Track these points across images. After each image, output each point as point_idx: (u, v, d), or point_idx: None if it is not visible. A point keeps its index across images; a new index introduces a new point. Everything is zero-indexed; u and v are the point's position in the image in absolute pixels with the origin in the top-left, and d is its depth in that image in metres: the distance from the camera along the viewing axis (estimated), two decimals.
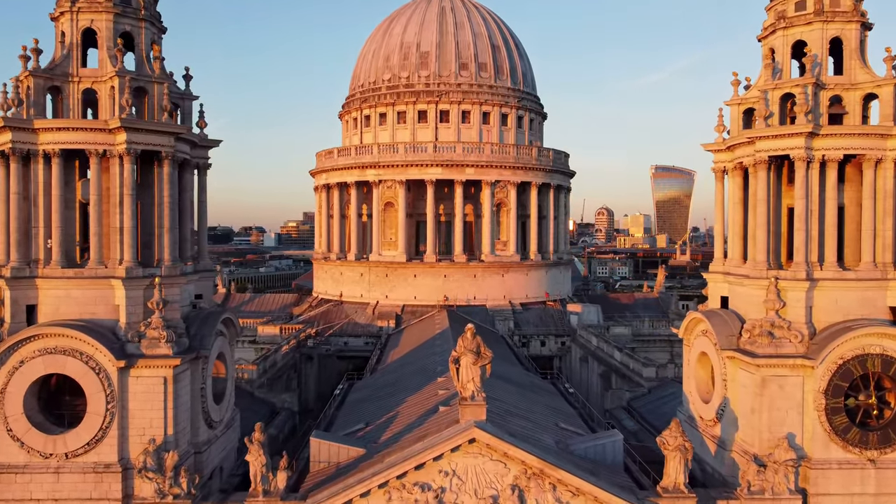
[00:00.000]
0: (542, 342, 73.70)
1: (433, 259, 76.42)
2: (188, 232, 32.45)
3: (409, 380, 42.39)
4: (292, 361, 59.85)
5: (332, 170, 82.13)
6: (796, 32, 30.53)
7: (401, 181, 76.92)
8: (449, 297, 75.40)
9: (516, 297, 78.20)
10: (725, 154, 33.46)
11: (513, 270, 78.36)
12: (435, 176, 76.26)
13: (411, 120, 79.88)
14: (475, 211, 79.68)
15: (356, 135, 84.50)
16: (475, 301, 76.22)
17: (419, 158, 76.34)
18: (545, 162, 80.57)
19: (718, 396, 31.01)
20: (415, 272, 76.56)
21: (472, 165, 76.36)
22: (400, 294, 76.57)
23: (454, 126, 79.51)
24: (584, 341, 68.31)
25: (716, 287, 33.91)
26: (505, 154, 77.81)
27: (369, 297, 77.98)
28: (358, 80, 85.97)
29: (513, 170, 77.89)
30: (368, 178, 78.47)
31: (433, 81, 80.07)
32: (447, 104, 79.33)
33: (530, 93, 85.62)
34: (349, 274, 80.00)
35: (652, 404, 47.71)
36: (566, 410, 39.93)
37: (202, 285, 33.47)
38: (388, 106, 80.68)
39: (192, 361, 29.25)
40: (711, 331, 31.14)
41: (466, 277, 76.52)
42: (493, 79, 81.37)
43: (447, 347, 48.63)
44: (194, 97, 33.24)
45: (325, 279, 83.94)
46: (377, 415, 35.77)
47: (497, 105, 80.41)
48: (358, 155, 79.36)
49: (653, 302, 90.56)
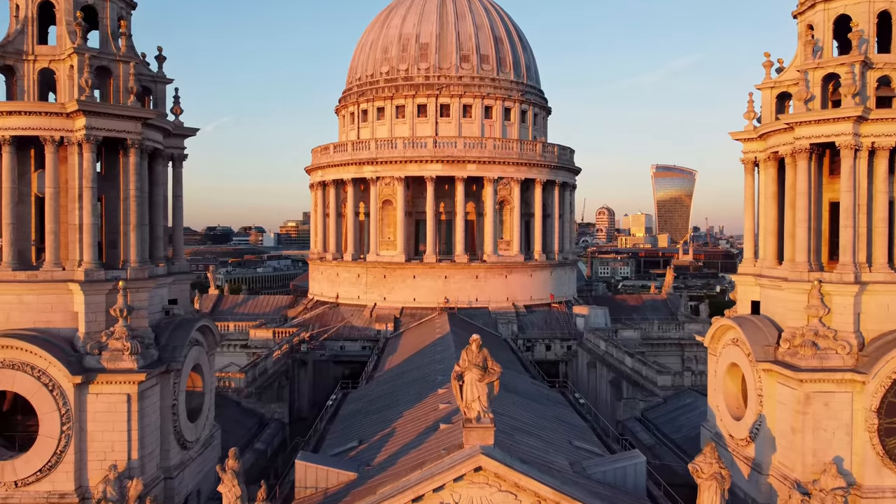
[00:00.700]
0: (547, 346, 70.45)
1: (433, 259, 73.19)
2: (161, 230, 29.20)
3: (407, 390, 39.18)
4: (284, 368, 56.58)
5: (327, 166, 78.87)
6: (839, 6, 27.22)
7: (399, 178, 73.67)
8: (450, 299, 72.16)
9: (520, 299, 74.94)
10: (756, 143, 30.21)
11: (516, 271, 75.08)
12: (435, 172, 73.04)
13: (410, 114, 76.65)
14: (477, 209, 76.45)
15: (353, 130, 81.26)
16: (477, 303, 72.97)
17: (418, 154, 73.06)
18: (550, 158, 77.29)
19: (752, 413, 27.75)
20: (414, 273, 73.30)
21: (473, 161, 73.13)
22: (399, 296, 73.32)
23: (455, 121, 76.26)
24: (592, 346, 65.05)
25: (746, 290, 30.65)
26: (508, 149, 74.55)
27: (367, 298, 74.72)
28: (355, 74, 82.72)
29: (516, 166, 74.62)
30: (366, 174, 75.22)
31: (433, 74, 76.81)
32: (447, 98, 76.08)
33: (534, 86, 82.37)
34: (346, 275, 76.73)
35: (668, 415, 44.46)
36: (578, 424, 36.67)
37: (178, 289, 30.25)
38: (387, 100, 77.42)
39: (162, 376, 26.00)
40: (744, 340, 27.89)
41: (468, 279, 73.27)
42: (496, 71, 78.10)
43: (448, 354, 45.42)
44: (168, 80, 29.99)
45: (320, 280, 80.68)
46: (372, 431, 32.56)
47: (499, 99, 77.13)
48: (355, 151, 76.08)
49: (661, 304, 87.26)
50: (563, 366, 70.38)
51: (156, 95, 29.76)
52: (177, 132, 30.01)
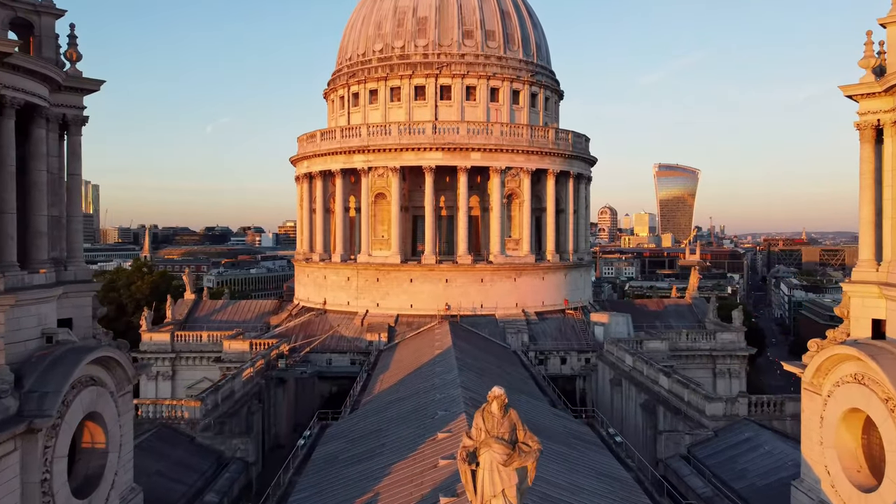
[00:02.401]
0: (562, 359, 61.86)
1: (433, 260, 64.58)
2: (42, 221, 20.56)
3: (398, 429, 30.60)
4: (256, 389, 47.92)
5: (314, 156, 70.27)
6: None
7: (394, 168, 65.07)
8: (451, 305, 63.57)
9: (530, 304, 66.30)
10: (881, 100, 21.60)
11: (526, 274, 66.43)
12: (434, 162, 64.44)
13: (407, 97, 68.04)
14: (482, 203, 67.89)
15: (343, 116, 72.65)
16: (482, 310, 64.36)
17: (416, 141, 64.45)
18: (564, 146, 68.67)
19: (894, 485, 19.13)
20: (411, 276, 64.70)
21: (478, 149, 64.51)
22: (393, 302, 64.71)
23: (457, 104, 67.65)
24: (615, 359, 56.43)
25: (864, 305, 22.00)
26: (517, 136, 65.93)
27: (357, 305, 66.12)
28: (345, 53, 74.10)
29: (526, 155, 66.01)
30: (356, 164, 66.63)
31: (432, 52, 68.18)
32: (449, 78, 67.43)
33: (545, 67, 73.76)
34: (334, 278, 68.11)
35: (723, 454, 35.76)
36: (621, 477, 28.00)
37: (73, 305, 21.63)
38: (380, 81, 68.79)
39: (24, 437, 17.38)
40: (880, 378, 19.27)
41: (472, 282, 64.65)
42: (503, 49, 69.46)
43: (449, 378, 36.85)
44: (58, 12, 21.38)
45: (306, 284, 72.09)
46: (349, 494, 24.04)
47: (507, 79, 68.49)
48: (344, 138, 67.46)
49: (685, 309, 78.61)
50: (580, 381, 61.79)
51: (41, 32, 21.15)
52: (71, 85, 21.42)
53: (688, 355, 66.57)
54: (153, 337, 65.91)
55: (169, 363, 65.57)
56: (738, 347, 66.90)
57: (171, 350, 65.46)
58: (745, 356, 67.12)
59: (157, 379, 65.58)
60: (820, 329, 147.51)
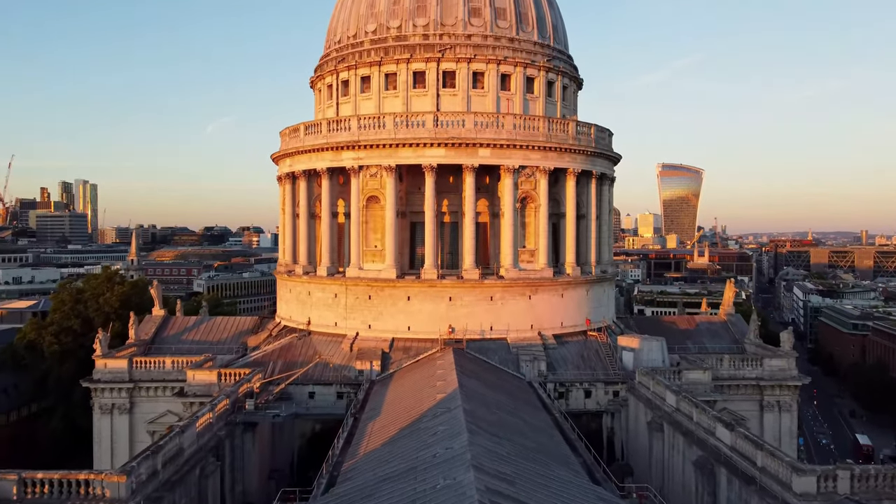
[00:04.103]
0: (586, 392, 52.56)
1: (434, 275, 55.23)
2: None
3: None
4: (213, 442, 38.46)
5: (296, 153, 60.88)
6: None
7: (389, 167, 55.73)
8: (455, 328, 54.26)
9: (548, 326, 56.95)
10: None
11: (543, 290, 57.03)
12: (436, 160, 55.14)
13: (404, 84, 58.66)
14: (491, 208, 58.60)
15: (331, 107, 63.27)
16: (492, 333, 55.05)
17: (414, 136, 55.10)
18: (586, 141, 59.27)
19: None
20: (408, 293, 55.35)
21: (487, 145, 55.14)
22: (388, 323, 55.39)
23: (462, 93, 58.29)
24: (652, 395, 47.17)
25: None
26: (532, 130, 56.53)
27: (346, 326, 56.78)
28: (334, 36, 64.69)
29: (543, 151, 56.63)
30: (345, 163, 57.26)
31: (433, 32, 58.80)
32: (453, 62, 58.04)
33: (562, 51, 64.35)
34: (319, 295, 58.72)
35: None
36: None
37: None
38: (373, 66, 59.40)
39: None
40: None
41: (480, 301, 55.31)
42: (515, 29, 60.06)
43: (456, 447, 27.41)
44: None
45: (289, 301, 62.71)
46: None
47: (520, 64, 59.08)
48: (331, 132, 58.06)
49: (720, 327, 69.20)
50: (608, 419, 52.52)
51: None
52: None
53: (730, 384, 57.31)
54: (108, 363, 56.54)
55: (126, 394, 56.22)
56: (789, 376, 57.57)
57: (129, 379, 56.10)
58: (796, 386, 57.76)
59: (112, 413, 56.29)
60: (843, 339, 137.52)
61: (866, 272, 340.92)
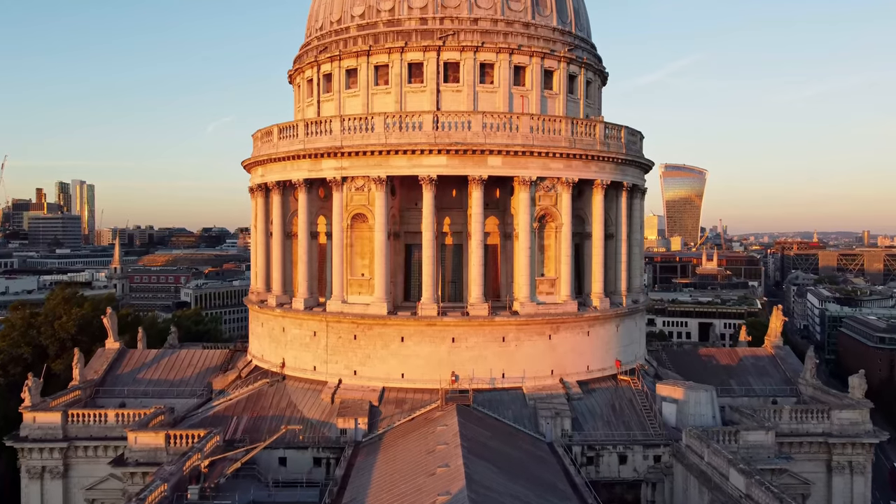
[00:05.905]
0: (620, 457, 42.69)
1: (433, 311, 45.26)
2: None
3: None
4: None
5: (268, 160, 50.97)
6: None
7: (378, 179, 45.76)
8: (460, 375, 44.35)
9: (571, 371, 47.04)
10: None
11: (566, 328, 47.06)
12: (436, 170, 45.21)
13: (397, 78, 48.75)
14: (503, 228, 48.74)
15: (311, 105, 53.38)
16: (504, 381, 45.15)
17: (410, 141, 45.14)
18: (615, 147, 49.35)
19: None
20: (402, 332, 45.38)
21: (498, 152, 45.20)
22: (377, 369, 45.48)
23: (467, 88, 48.42)
24: (707, 468, 37.30)
25: None
26: (553, 133, 46.60)
27: (326, 371, 46.86)
28: (315, 21, 54.79)
29: (566, 160, 46.67)
30: (325, 173, 47.30)
31: (433, 15, 48.91)
32: (456, 51, 48.15)
33: (585, 39, 54.48)
34: (296, 332, 48.77)
35: None
36: None
37: None
38: (360, 56, 49.50)
39: None
40: None
41: (489, 342, 45.34)
42: (530, 13, 50.18)
43: None
44: None
45: (261, 336, 52.78)
46: None
47: (537, 54, 49.20)
48: (309, 136, 48.09)
49: (767, 362, 59.26)
50: (647, 490, 42.61)
51: None
52: None
53: (791, 442, 47.34)
54: (37, 417, 46.55)
55: (60, 455, 46.23)
56: (863, 431, 47.53)
57: (64, 437, 46.10)
58: (871, 444, 47.78)
59: (42, 478, 46.31)
60: (869, 353, 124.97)
61: (876, 275, 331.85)
